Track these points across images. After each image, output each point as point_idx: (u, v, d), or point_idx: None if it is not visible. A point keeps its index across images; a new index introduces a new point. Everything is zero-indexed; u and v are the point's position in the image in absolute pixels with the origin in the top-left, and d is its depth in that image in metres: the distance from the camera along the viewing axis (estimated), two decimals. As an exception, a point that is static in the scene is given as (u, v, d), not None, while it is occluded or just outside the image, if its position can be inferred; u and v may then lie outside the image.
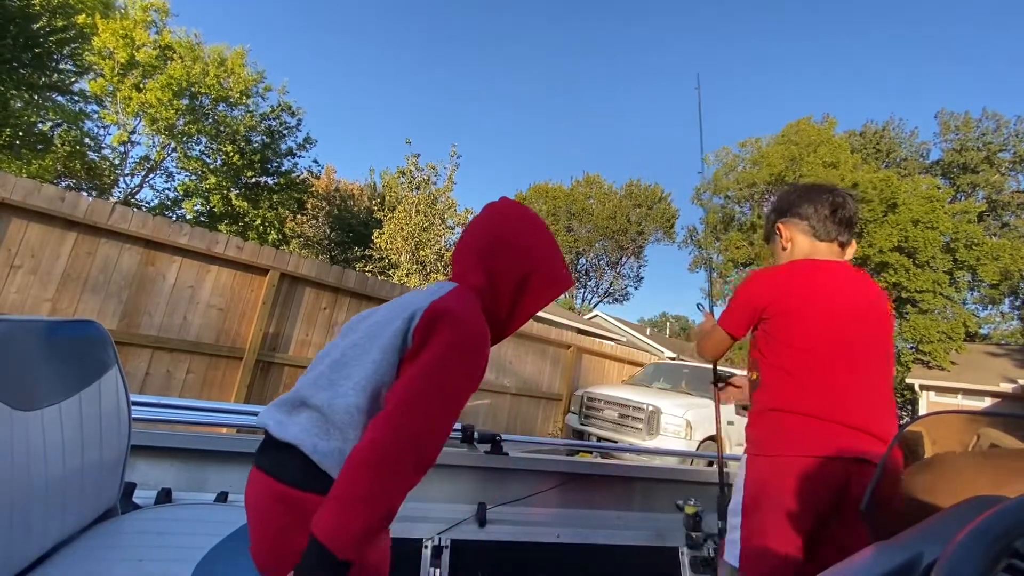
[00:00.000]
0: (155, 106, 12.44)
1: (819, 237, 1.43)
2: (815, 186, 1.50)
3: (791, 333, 1.32)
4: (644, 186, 29.22)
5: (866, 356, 1.30)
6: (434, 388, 0.77)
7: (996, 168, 20.77)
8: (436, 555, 1.52)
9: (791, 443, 1.26)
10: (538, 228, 1.01)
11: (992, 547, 0.38)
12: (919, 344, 15.36)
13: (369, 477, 0.71)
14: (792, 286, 1.35)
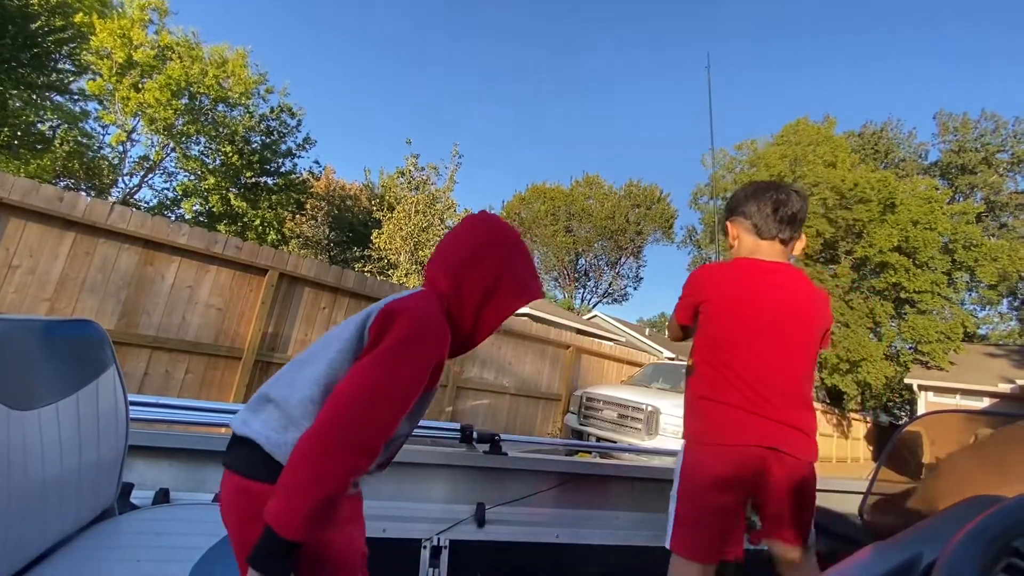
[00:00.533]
0: (154, 106, 12.42)
1: (761, 235, 1.48)
2: (762, 185, 1.54)
3: (717, 328, 1.41)
4: (643, 187, 29.23)
5: (787, 353, 1.37)
6: (377, 375, 0.79)
7: (994, 169, 20.81)
8: (435, 555, 1.52)
9: (716, 432, 1.36)
10: (512, 241, 1.02)
11: (991, 546, 0.38)
12: (918, 344, 15.38)
13: (309, 461, 0.74)
14: (725, 284, 1.44)
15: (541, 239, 28.71)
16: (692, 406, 1.45)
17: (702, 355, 1.44)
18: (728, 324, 1.39)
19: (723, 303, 1.41)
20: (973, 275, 16.85)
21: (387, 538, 1.50)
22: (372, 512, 1.54)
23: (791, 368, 1.37)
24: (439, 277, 0.98)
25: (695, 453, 1.41)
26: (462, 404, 7.44)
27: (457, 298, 0.95)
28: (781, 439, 1.32)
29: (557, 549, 1.71)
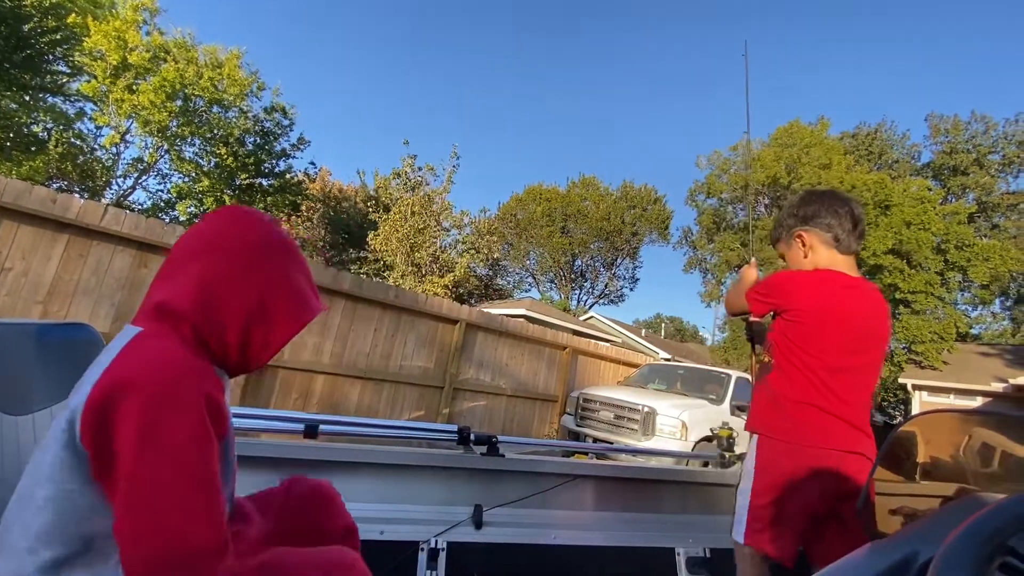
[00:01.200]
0: (148, 108, 12.37)
1: (841, 249, 1.51)
2: (835, 197, 1.57)
3: (805, 337, 1.44)
4: (639, 188, 29.32)
5: (864, 365, 1.44)
6: (148, 495, 0.59)
7: (986, 170, 20.98)
8: (432, 558, 1.52)
9: (801, 432, 1.39)
10: (282, 248, 0.82)
11: (986, 545, 0.39)
12: (912, 344, 15.48)
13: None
14: (814, 296, 1.46)
15: (537, 240, 28.73)
16: (776, 404, 1.46)
17: (788, 358, 1.47)
18: (816, 335, 1.43)
19: (811, 315, 1.44)
20: (966, 275, 16.97)
21: (384, 540, 1.49)
22: (369, 515, 1.54)
23: (867, 378, 1.45)
24: (179, 296, 0.74)
25: (774, 450, 1.43)
26: (459, 406, 7.43)
27: (211, 320, 0.74)
28: (860, 443, 1.38)
29: (555, 550, 1.71)
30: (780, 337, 1.50)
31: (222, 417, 0.70)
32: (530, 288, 31.46)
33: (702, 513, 2.09)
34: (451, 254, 14.94)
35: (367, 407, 6.40)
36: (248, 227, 0.80)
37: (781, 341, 1.49)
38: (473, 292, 24.26)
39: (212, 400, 0.67)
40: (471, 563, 1.57)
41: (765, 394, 1.51)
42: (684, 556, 1.87)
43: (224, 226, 0.80)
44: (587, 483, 1.93)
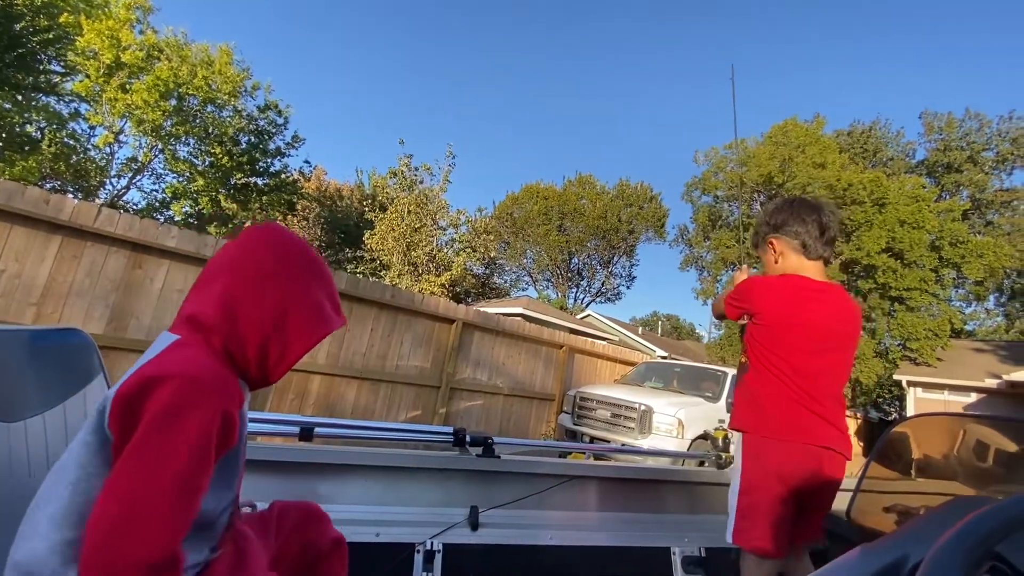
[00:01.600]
0: (142, 107, 12.29)
1: (808, 255, 1.59)
2: (805, 204, 1.64)
3: (773, 339, 1.52)
4: (635, 186, 29.36)
5: (833, 365, 1.51)
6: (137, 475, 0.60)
7: (980, 167, 21.09)
8: (428, 560, 1.52)
9: (786, 427, 1.45)
10: (302, 262, 0.84)
11: (975, 551, 0.39)
12: (906, 341, 15.56)
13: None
14: (780, 301, 1.53)
15: (534, 239, 28.74)
16: (755, 402, 1.53)
17: (759, 359, 1.54)
18: (783, 336, 1.50)
19: (778, 318, 1.52)
20: (960, 272, 17.06)
21: (380, 543, 1.49)
22: (365, 517, 1.54)
23: (836, 376, 1.51)
24: (206, 309, 0.78)
25: (757, 446, 1.48)
26: (455, 405, 7.43)
27: (234, 334, 0.77)
28: (832, 439, 1.44)
29: (551, 551, 1.71)
30: (750, 339, 1.58)
31: (233, 430, 0.71)
32: (527, 287, 31.50)
33: (697, 513, 2.10)
34: (447, 253, 14.92)
35: (364, 407, 6.39)
36: (270, 243, 0.84)
37: (752, 343, 1.57)
38: (470, 291, 24.24)
39: (228, 416, 0.69)
40: (467, 564, 1.57)
41: (744, 393, 1.59)
42: (680, 555, 1.88)
43: (249, 242, 0.84)
44: (583, 483, 1.93)
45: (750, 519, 1.43)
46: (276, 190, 15.90)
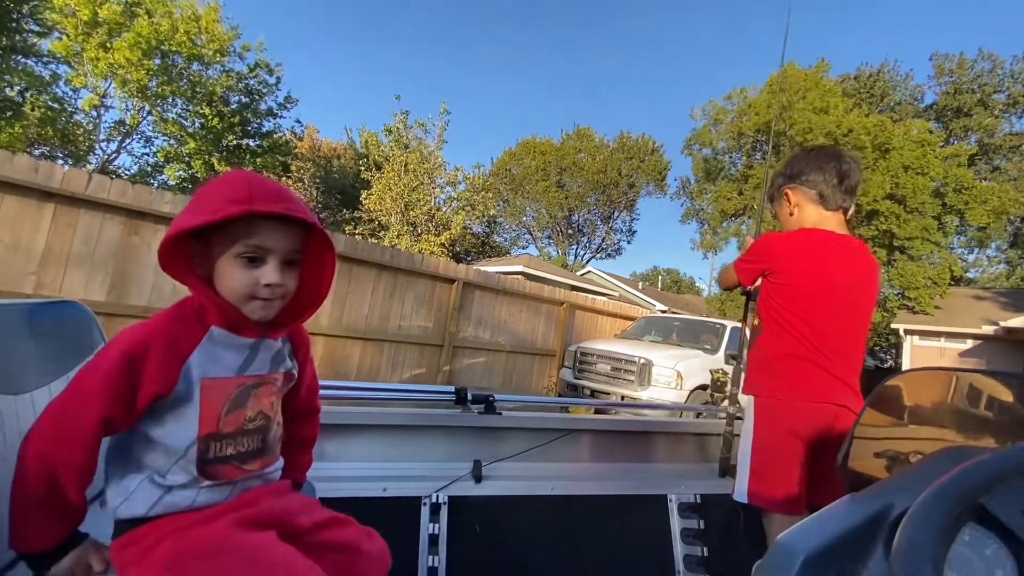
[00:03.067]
0: (125, 67, 11.87)
1: (827, 206, 1.50)
2: (823, 152, 1.54)
3: (792, 296, 1.45)
4: (635, 138, 28.72)
5: (852, 323, 1.46)
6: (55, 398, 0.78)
7: (990, 111, 20.51)
8: (435, 511, 1.58)
9: (794, 388, 1.42)
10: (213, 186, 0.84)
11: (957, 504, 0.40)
12: (906, 290, 15.61)
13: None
14: (800, 255, 1.46)
15: (533, 195, 28.40)
16: (767, 365, 1.49)
17: (774, 318, 1.48)
18: (803, 292, 1.44)
19: (798, 273, 1.45)
20: (963, 218, 16.92)
21: (388, 497, 1.55)
22: (372, 473, 1.59)
23: (855, 333, 1.46)
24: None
25: (769, 409, 1.46)
26: (459, 363, 7.55)
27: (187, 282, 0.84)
28: (847, 397, 1.40)
29: (552, 500, 1.78)
30: (767, 298, 1.51)
31: (157, 372, 0.78)
32: (527, 245, 31.37)
33: (693, 462, 2.17)
34: (446, 212, 14.76)
35: (369, 367, 6.50)
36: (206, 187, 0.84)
37: (768, 302, 1.51)
38: (470, 250, 24.18)
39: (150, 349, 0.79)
40: (472, 515, 1.64)
41: (757, 356, 1.54)
42: (676, 502, 1.95)
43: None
44: (582, 436, 1.99)
45: (764, 479, 1.42)
46: (269, 151, 15.58)
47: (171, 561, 0.77)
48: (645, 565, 1.84)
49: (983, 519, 0.60)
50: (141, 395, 0.78)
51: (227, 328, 0.85)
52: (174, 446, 0.81)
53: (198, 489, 0.83)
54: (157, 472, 0.81)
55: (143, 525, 0.80)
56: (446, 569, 1.53)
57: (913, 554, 0.37)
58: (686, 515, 1.93)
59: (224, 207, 0.77)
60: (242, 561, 0.77)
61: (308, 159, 20.38)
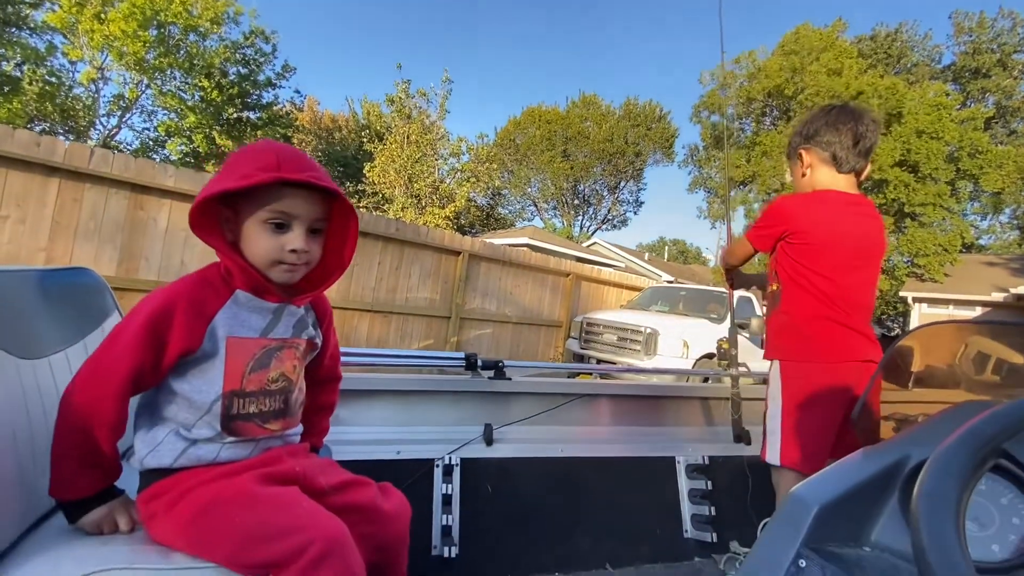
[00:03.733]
0: (121, 38, 11.64)
1: (840, 168, 1.50)
2: (841, 112, 1.52)
3: (810, 256, 1.47)
4: (642, 105, 28.09)
5: (865, 279, 1.50)
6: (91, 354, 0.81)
7: (1009, 72, 19.85)
8: (447, 473, 1.62)
9: (823, 349, 1.45)
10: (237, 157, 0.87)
11: (981, 448, 0.40)
12: (915, 257, 15.44)
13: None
14: (816, 215, 1.48)
15: (538, 166, 28.02)
16: (791, 327, 1.51)
17: (794, 279, 1.50)
18: (821, 253, 1.46)
19: (817, 232, 1.46)
20: (977, 184, 16.59)
21: (401, 459, 1.59)
22: (386, 437, 1.63)
23: (867, 290, 1.51)
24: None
25: (798, 373, 1.48)
26: (466, 334, 7.61)
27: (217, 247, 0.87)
28: (870, 351, 1.45)
29: (562, 462, 1.81)
30: (785, 260, 1.52)
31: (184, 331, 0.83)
32: (532, 216, 31.14)
33: (700, 425, 2.19)
34: (450, 184, 14.62)
35: (377, 339, 6.57)
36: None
37: (787, 263, 1.51)
38: (474, 223, 24.06)
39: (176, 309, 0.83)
40: (483, 476, 1.68)
41: (777, 320, 1.56)
42: (684, 464, 1.98)
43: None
44: (591, 401, 2.01)
45: (796, 441, 1.45)
46: (270, 124, 15.38)
47: (200, 509, 0.80)
48: (654, 524, 1.88)
49: (999, 469, 0.61)
50: (168, 352, 0.82)
51: (251, 292, 0.89)
52: (200, 401, 0.85)
53: (221, 444, 0.87)
54: (183, 426, 0.85)
55: (169, 477, 0.84)
56: (460, 527, 1.58)
57: (935, 499, 0.37)
58: (694, 476, 1.96)
59: (254, 174, 0.81)
60: (271, 508, 0.81)
61: (309, 131, 20.14)
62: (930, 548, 0.34)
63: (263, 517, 0.80)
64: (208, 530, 0.80)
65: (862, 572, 0.52)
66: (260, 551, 0.77)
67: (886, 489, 0.63)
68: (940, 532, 0.34)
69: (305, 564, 0.75)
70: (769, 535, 0.58)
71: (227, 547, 0.78)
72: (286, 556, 0.76)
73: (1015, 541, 0.57)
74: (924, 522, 0.35)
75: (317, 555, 0.75)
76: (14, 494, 0.74)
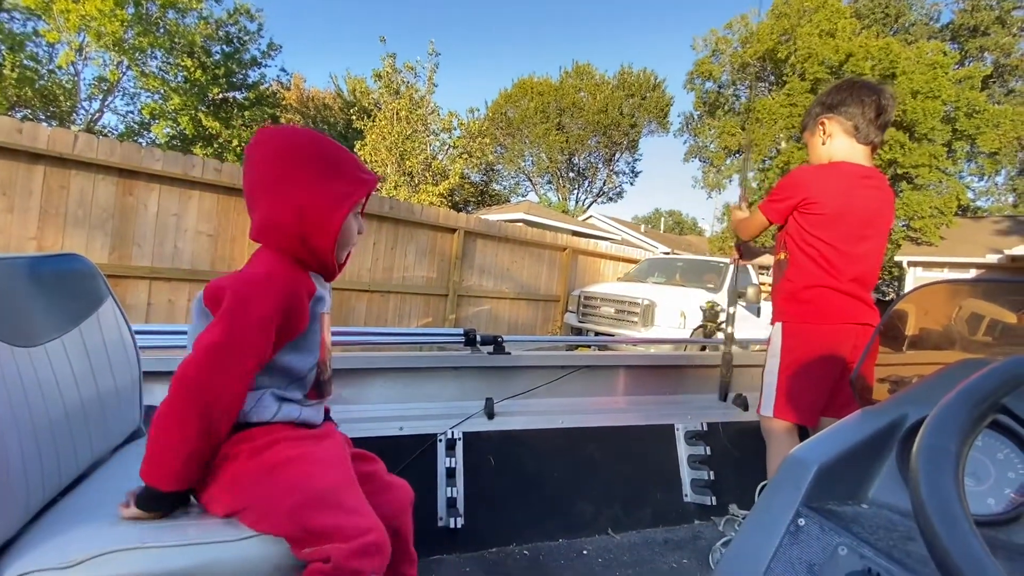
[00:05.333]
0: (97, 18, 11.30)
1: (860, 140, 1.55)
2: (864, 85, 1.58)
3: (821, 225, 1.54)
4: (637, 73, 27.57)
5: (872, 248, 1.57)
6: (209, 342, 0.81)
7: (1008, 29, 19.49)
8: (450, 447, 1.64)
9: (818, 313, 1.54)
10: (296, 146, 0.92)
11: (981, 404, 0.40)
12: (910, 220, 15.42)
13: (160, 430, 0.80)
14: (831, 186, 1.54)
15: (532, 139, 27.63)
16: (794, 295, 1.59)
17: (802, 248, 1.57)
18: (832, 222, 1.52)
19: (828, 204, 1.52)
20: (974, 144, 16.45)
21: (405, 435, 1.61)
22: (388, 414, 1.64)
23: (873, 261, 1.58)
24: (254, 224, 0.93)
25: (797, 333, 1.58)
26: (464, 311, 7.63)
27: (282, 238, 0.91)
28: (870, 316, 1.54)
29: (562, 433, 1.84)
30: (795, 228, 1.58)
31: (296, 314, 0.89)
32: (527, 192, 30.87)
33: (698, 392, 2.22)
34: (443, 160, 14.43)
35: (376, 318, 6.58)
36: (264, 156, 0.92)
37: (796, 232, 1.58)
38: (468, 200, 23.84)
39: (287, 304, 0.87)
40: (486, 449, 1.70)
41: (784, 288, 1.63)
42: (683, 431, 2.02)
43: (249, 159, 0.93)
44: (591, 372, 2.03)
45: (790, 394, 1.55)
46: (257, 104, 15.08)
47: (285, 460, 0.86)
48: (655, 490, 1.92)
49: (995, 424, 0.61)
50: (287, 333, 0.89)
51: (319, 272, 0.98)
52: (299, 369, 0.93)
53: (302, 406, 0.95)
54: (277, 387, 0.92)
55: (263, 426, 0.90)
56: (464, 498, 1.61)
57: (935, 454, 0.37)
58: (693, 442, 2.00)
59: (362, 174, 0.96)
60: (349, 484, 0.88)
61: (297, 111, 19.75)
62: (930, 502, 0.34)
63: (339, 487, 0.86)
64: (287, 480, 0.83)
65: (860, 528, 0.53)
66: (326, 516, 0.80)
67: (884, 448, 0.64)
68: (940, 486, 0.35)
69: (357, 547, 0.77)
70: (768, 495, 0.59)
71: (300, 500, 0.81)
72: (346, 530, 0.79)
73: (1010, 494, 0.58)
74: (924, 477, 0.36)
75: (371, 543, 0.78)
76: (18, 482, 0.74)
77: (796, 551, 0.53)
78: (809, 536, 0.53)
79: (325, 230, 0.91)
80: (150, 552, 0.75)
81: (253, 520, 0.82)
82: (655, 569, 1.63)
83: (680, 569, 1.64)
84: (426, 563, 1.49)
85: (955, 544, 0.31)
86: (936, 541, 0.32)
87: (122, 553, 0.73)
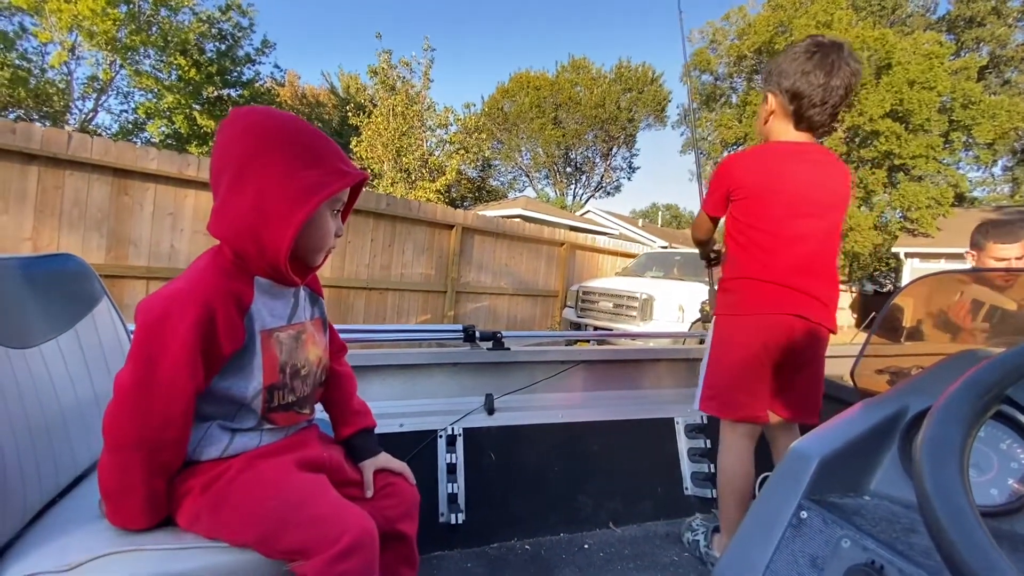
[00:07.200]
0: (89, 17, 11.20)
1: (798, 124, 1.42)
2: (823, 57, 1.38)
3: (748, 210, 1.44)
4: (634, 67, 27.47)
5: (816, 230, 1.42)
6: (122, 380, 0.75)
7: (1003, 19, 19.47)
8: (451, 443, 1.64)
9: (746, 304, 1.45)
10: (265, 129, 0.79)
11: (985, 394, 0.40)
12: (907, 211, 15.42)
13: (103, 475, 0.77)
14: (753, 168, 1.44)
15: (528, 134, 27.54)
16: (723, 287, 1.53)
17: (735, 239, 1.48)
18: (758, 205, 1.42)
19: (753, 187, 1.43)
20: (970, 134, 16.45)
21: (405, 432, 1.60)
22: (388, 411, 1.64)
23: (817, 244, 1.42)
24: (211, 218, 0.81)
25: (725, 325, 1.51)
26: (463, 308, 7.62)
27: (233, 236, 0.79)
28: (805, 307, 1.40)
29: (562, 427, 1.84)
30: (730, 219, 1.50)
31: (228, 331, 0.78)
32: (525, 187, 30.80)
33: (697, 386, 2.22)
34: (439, 157, 14.38)
35: (374, 315, 6.57)
36: (232, 137, 0.80)
37: (730, 222, 1.50)
38: (466, 196, 23.79)
39: (216, 312, 0.76)
40: (486, 444, 1.70)
41: (720, 282, 1.58)
42: (683, 424, 2.02)
43: (218, 143, 0.81)
44: (590, 367, 2.03)
45: (714, 388, 1.50)
46: (252, 101, 14.98)
47: (237, 490, 0.80)
48: (655, 483, 1.92)
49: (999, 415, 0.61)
50: (219, 358, 0.79)
51: (270, 277, 0.84)
52: (239, 397, 0.82)
53: (261, 432, 0.87)
54: (224, 418, 0.84)
55: (212, 462, 0.83)
56: (465, 494, 1.61)
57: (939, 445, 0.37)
58: (692, 435, 2.00)
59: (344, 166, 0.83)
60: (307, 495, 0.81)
61: (291, 108, 19.65)
62: (934, 493, 0.34)
63: (299, 502, 0.79)
64: (241, 510, 0.79)
65: (862, 520, 0.53)
66: (292, 536, 0.76)
67: (885, 440, 0.64)
68: (945, 478, 0.34)
69: (334, 554, 0.74)
70: (771, 488, 0.59)
71: (259, 528, 0.78)
72: (317, 543, 0.75)
73: (1013, 485, 0.58)
74: (928, 468, 0.35)
75: (347, 546, 0.75)
76: (15, 484, 0.74)
77: (799, 544, 0.53)
78: (811, 528, 0.53)
79: (283, 223, 0.77)
80: (149, 555, 0.75)
81: (231, 543, 0.80)
82: (656, 562, 1.63)
83: (681, 562, 1.65)
84: (428, 559, 1.49)
85: (961, 536, 0.31)
86: (942, 534, 0.32)
87: (121, 556, 0.73)
